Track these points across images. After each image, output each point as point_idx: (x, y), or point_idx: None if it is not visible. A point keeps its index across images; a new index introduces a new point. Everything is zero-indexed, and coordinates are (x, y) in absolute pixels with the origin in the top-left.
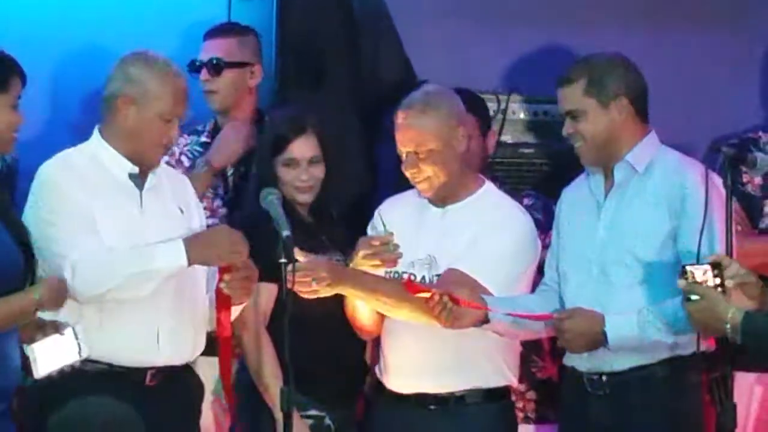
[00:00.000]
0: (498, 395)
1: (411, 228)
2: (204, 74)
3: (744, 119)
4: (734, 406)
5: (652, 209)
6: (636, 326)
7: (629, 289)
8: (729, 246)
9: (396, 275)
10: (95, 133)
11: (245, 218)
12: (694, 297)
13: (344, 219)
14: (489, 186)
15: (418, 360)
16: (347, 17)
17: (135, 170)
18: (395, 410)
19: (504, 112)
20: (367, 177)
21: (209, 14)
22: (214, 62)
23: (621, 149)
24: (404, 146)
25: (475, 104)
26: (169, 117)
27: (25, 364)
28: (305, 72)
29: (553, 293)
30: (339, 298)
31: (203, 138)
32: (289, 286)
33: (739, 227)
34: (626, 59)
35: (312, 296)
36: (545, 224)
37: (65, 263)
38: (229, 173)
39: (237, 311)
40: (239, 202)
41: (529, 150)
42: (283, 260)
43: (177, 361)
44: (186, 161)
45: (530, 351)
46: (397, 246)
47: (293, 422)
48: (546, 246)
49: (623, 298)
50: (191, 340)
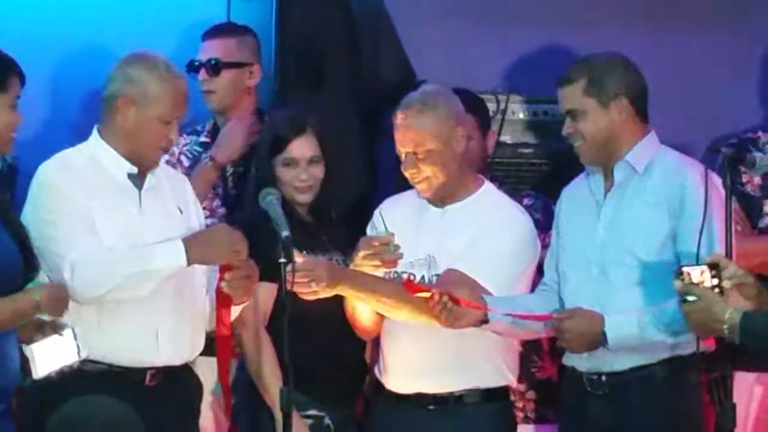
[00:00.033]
0: (497, 395)
1: (410, 228)
2: (202, 74)
3: (744, 119)
4: (734, 406)
5: (652, 209)
6: (636, 326)
7: (629, 289)
8: (728, 246)
9: (395, 275)
10: (94, 134)
11: (245, 218)
12: (691, 298)
13: (344, 219)
14: (488, 186)
15: (418, 360)
16: (347, 17)
17: (134, 170)
18: (394, 410)
19: (503, 112)
20: (367, 177)
21: (209, 14)
22: (213, 62)
23: (621, 149)
24: (403, 146)
25: (475, 104)
26: (169, 119)
27: (24, 365)
28: (305, 72)
29: (553, 293)
30: (339, 298)
31: (202, 138)
32: (289, 287)
33: (739, 227)
34: (626, 59)
35: (312, 297)
36: (545, 224)
37: (64, 263)
38: (229, 173)
39: (237, 311)
40: (238, 202)
41: (529, 150)
42: (283, 260)
43: (176, 361)
44: (186, 161)
45: (530, 351)
46: (398, 247)
47: (293, 422)
48: (545, 246)
49: (623, 298)
50: (190, 340)
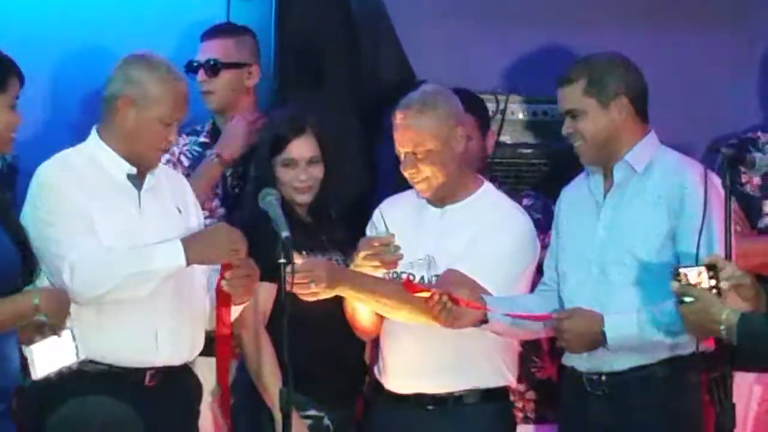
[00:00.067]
0: (496, 395)
1: (410, 228)
2: (201, 75)
3: (744, 119)
4: (733, 406)
5: (652, 209)
6: (635, 326)
7: (628, 289)
8: (728, 246)
9: (395, 275)
10: (93, 134)
11: (244, 218)
12: (688, 299)
13: (343, 219)
14: (488, 186)
15: (417, 360)
16: (346, 17)
17: (133, 171)
18: (394, 410)
19: (503, 112)
20: (367, 177)
21: (208, 14)
22: (211, 63)
23: (620, 149)
24: (402, 146)
25: (474, 104)
26: (169, 121)
27: (24, 365)
28: (304, 72)
29: (552, 293)
30: (338, 299)
31: (202, 138)
32: (288, 288)
33: (738, 227)
34: (626, 59)
35: (312, 298)
36: (544, 224)
37: (63, 264)
38: (228, 173)
39: (237, 311)
40: (238, 203)
41: (528, 150)
42: (282, 261)
43: (176, 361)
44: (186, 161)
45: (529, 351)
46: (398, 248)
47: (292, 422)
48: (545, 246)
49: (622, 298)
50: (190, 340)
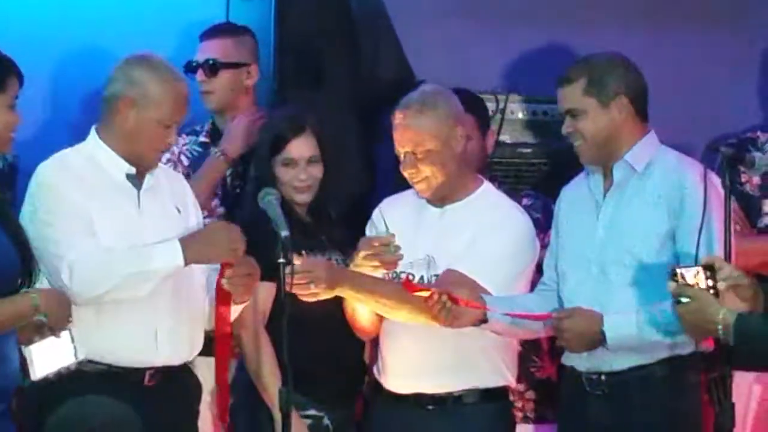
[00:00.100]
0: (496, 395)
1: (409, 228)
2: (200, 75)
3: (744, 119)
4: (733, 406)
5: (651, 209)
6: (635, 326)
7: (628, 289)
8: (727, 246)
9: (395, 275)
10: (92, 133)
11: (244, 218)
12: (685, 299)
13: (343, 219)
14: (487, 186)
15: (417, 360)
16: (346, 17)
17: (132, 171)
18: (394, 410)
19: (503, 112)
20: (366, 177)
21: (208, 14)
22: (210, 63)
23: (620, 148)
24: (402, 146)
25: (474, 104)
26: (169, 123)
27: (23, 366)
28: (304, 72)
29: (552, 293)
30: (338, 299)
31: (201, 138)
32: (288, 289)
33: (738, 227)
34: (626, 59)
35: (311, 299)
36: (544, 224)
37: (62, 264)
38: (228, 173)
39: (237, 311)
40: (238, 202)
41: (528, 150)
42: (282, 260)
43: (176, 361)
44: (185, 160)
45: (529, 351)
46: (398, 248)
47: (292, 422)
48: (545, 246)
49: (622, 298)
50: (189, 340)
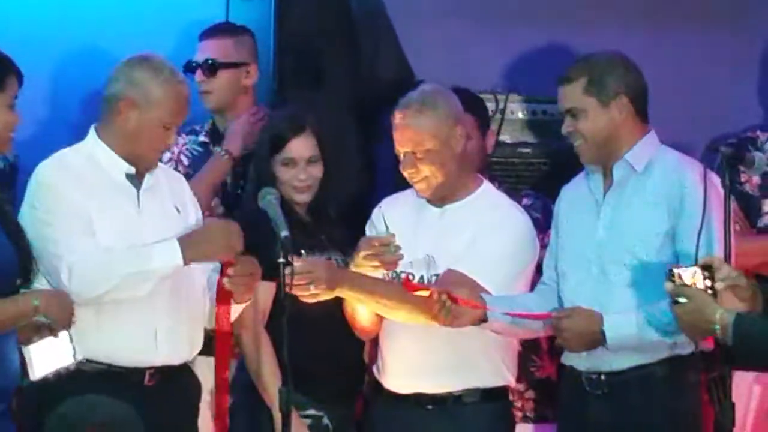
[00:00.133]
0: (496, 395)
1: (409, 228)
2: (199, 75)
3: (744, 119)
4: (733, 406)
5: (651, 208)
6: (635, 326)
7: (628, 289)
8: (727, 245)
9: (394, 275)
10: (91, 133)
11: (244, 216)
12: (682, 299)
13: (343, 219)
14: (487, 186)
15: (416, 360)
16: (346, 17)
17: (132, 171)
18: (393, 410)
19: (503, 112)
20: (366, 176)
21: (207, 14)
22: (209, 63)
23: (620, 148)
24: (402, 146)
25: (474, 104)
26: (170, 124)
27: (22, 365)
28: (303, 71)
29: (552, 292)
30: (338, 299)
31: (201, 137)
32: (288, 290)
33: (738, 226)
34: (626, 58)
35: (311, 300)
36: (544, 223)
37: (61, 265)
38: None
39: (237, 311)
40: (238, 202)
41: (528, 149)
42: (281, 260)
43: (176, 361)
44: (185, 160)
45: (529, 350)
46: (399, 248)
47: (292, 422)
48: (545, 245)
49: (622, 298)
50: (189, 340)
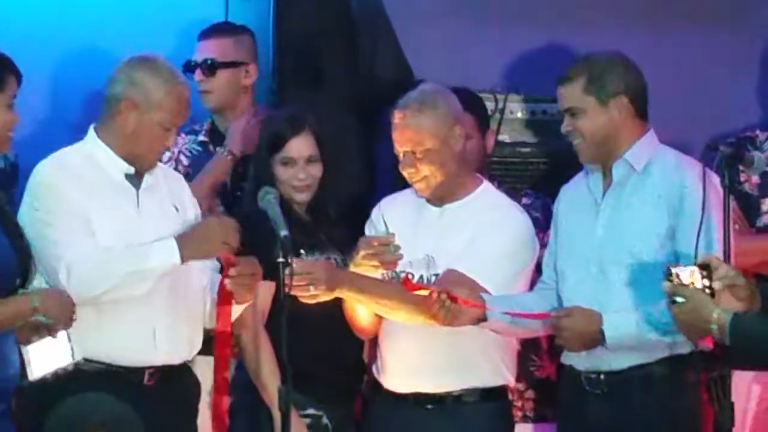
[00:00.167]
0: (495, 395)
1: (409, 227)
2: (198, 75)
3: (744, 119)
4: (732, 405)
5: (651, 208)
6: (634, 325)
7: (627, 288)
8: (726, 245)
9: (394, 274)
10: (91, 132)
11: (244, 216)
12: (680, 299)
13: (342, 218)
14: (486, 185)
15: (416, 360)
16: (345, 16)
17: (131, 170)
18: (393, 409)
19: (502, 111)
20: (365, 176)
21: (207, 14)
22: (208, 63)
23: (620, 147)
24: (401, 146)
25: (474, 103)
26: (170, 126)
27: (21, 365)
28: (303, 71)
29: (551, 292)
30: (337, 298)
31: (201, 137)
32: (287, 290)
33: (737, 226)
34: (626, 58)
35: (311, 301)
36: (544, 223)
37: (60, 264)
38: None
39: (237, 311)
40: (237, 202)
41: (528, 149)
42: (281, 260)
43: (175, 360)
44: (185, 160)
45: (528, 350)
46: (398, 247)
47: (291, 421)
48: (544, 245)
49: (621, 297)
50: (188, 339)
